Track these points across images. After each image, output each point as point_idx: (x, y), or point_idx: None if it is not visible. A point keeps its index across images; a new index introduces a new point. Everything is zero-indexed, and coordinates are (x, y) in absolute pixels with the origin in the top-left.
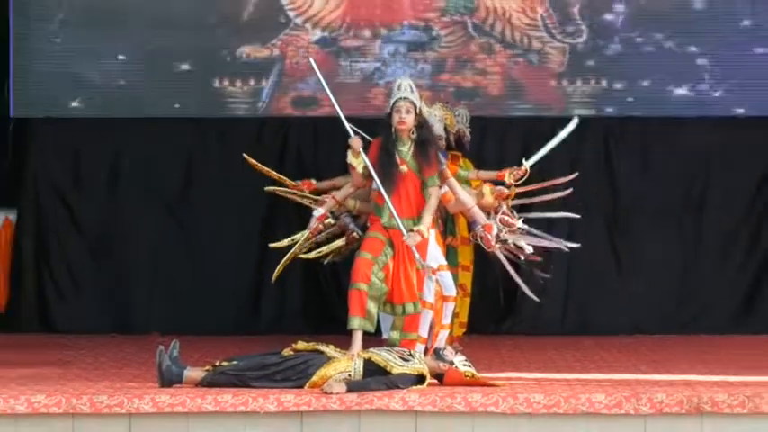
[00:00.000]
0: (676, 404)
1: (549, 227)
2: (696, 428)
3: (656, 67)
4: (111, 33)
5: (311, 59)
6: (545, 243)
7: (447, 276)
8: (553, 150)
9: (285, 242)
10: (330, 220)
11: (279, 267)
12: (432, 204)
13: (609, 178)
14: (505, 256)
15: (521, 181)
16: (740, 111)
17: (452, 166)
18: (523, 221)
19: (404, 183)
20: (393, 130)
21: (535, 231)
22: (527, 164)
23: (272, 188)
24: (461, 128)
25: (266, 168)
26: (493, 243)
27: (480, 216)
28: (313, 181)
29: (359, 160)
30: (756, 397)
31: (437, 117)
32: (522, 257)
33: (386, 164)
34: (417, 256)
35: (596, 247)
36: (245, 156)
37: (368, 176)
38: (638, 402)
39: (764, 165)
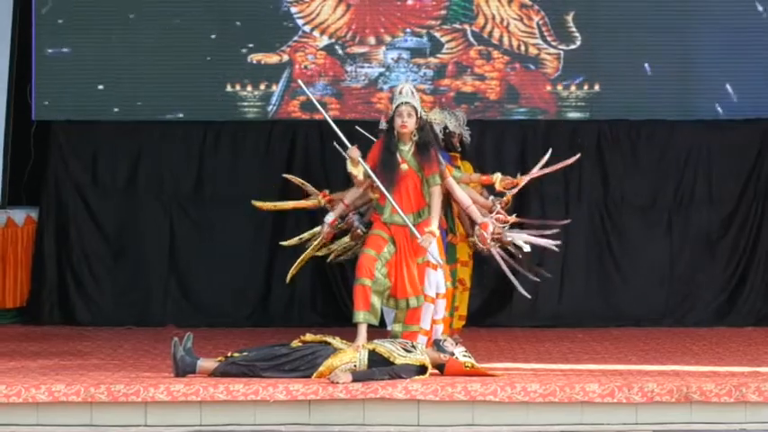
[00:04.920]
0: (666, 393)
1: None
2: (685, 416)
3: (646, 71)
4: (129, 40)
5: (300, 82)
6: (537, 240)
7: (440, 274)
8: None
9: (294, 240)
10: (341, 224)
11: (293, 269)
12: (436, 203)
13: (602, 178)
14: (501, 255)
15: (510, 190)
16: (726, 113)
17: (448, 167)
18: (517, 216)
19: (404, 180)
20: (395, 132)
21: (528, 231)
22: (521, 177)
23: (259, 203)
24: (461, 131)
25: (279, 204)
26: (488, 241)
27: (477, 214)
28: (327, 192)
29: (358, 169)
30: (743, 386)
31: (436, 121)
32: (521, 255)
33: (387, 162)
34: (434, 255)
35: (589, 244)
36: (254, 202)
37: (363, 175)
38: (629, 391)
39: (749, 165)
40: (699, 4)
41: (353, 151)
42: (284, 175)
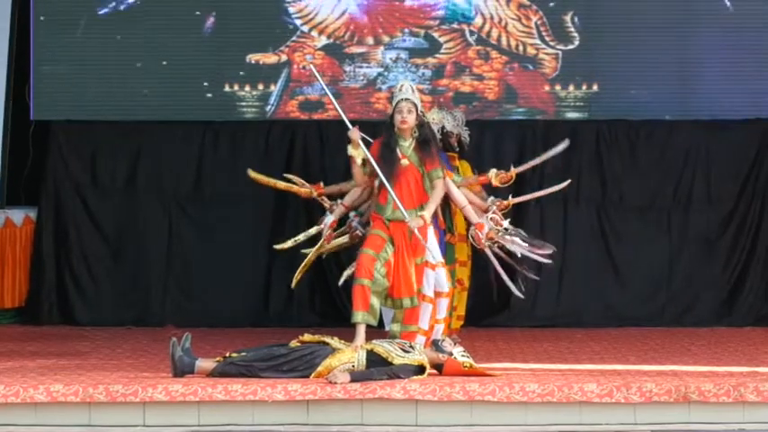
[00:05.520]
0: (665, 393)
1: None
2: (684, 416)
3: (644, 71)
4: (128, 40)
5: (310, 63)
6: (531, 254)
7: (442, 273)
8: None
9: (289, 243)
10: (344, 229)
11: (297, 275)
12: (437, 195)
13: (600, 178)
14: (495, 255)
15: (507, 184)
16: (723, 113)
17: (447, 172)
18: (510, 222)
19: (404, 175)
20: (395, 129)
21: (523, 234)
22: (515, 170)
23: (254, 174)
24: (460, 131)
25: (272, 180)
26: (483, 241)
27: (472, 215)
28: (321, 184)
29: (358, 151)
30: (741, 386)
31: (434, 121)
32: (519, 255)
33: (387, 157)
34: (433, 254)
35: (588, 244)
36: (250, 172)
37: (368, 170)
38: (628, 391)
39: (747, 165)
40: (699, 4)
41: (354, 132)
42: (285, 175)
